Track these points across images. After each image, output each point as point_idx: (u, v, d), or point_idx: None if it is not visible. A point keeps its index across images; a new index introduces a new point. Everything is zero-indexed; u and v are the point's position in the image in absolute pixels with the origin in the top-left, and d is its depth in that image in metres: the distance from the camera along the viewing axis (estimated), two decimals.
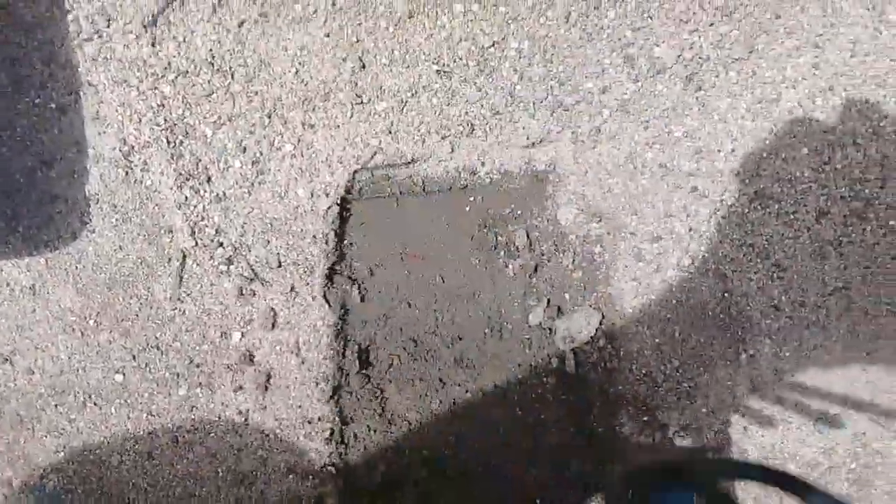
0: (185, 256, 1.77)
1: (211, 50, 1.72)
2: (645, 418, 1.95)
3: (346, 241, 1.89)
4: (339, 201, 1.83)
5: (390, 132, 1.81)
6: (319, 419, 1.86)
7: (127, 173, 1.74)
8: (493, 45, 1.80)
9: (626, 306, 1.94)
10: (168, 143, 1.73)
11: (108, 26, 1.68)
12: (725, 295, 1.92)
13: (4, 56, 1.69)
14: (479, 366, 1.92)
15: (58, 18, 1.67)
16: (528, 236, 1.93)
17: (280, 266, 1.82)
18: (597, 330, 1.94)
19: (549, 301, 1.95)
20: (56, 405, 1.82)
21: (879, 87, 1.89)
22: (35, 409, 1.82)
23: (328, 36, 1.75)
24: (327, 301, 1.85)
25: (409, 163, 1.85)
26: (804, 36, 1.86)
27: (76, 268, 1.77)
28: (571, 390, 1.94)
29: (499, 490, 1.91)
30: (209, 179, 1.77)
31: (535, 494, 1.92)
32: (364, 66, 1.77)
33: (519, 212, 1.93)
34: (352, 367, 1.87)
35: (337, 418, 1.88)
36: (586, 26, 1.81)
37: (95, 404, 1.82)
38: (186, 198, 1.75)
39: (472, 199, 1.91)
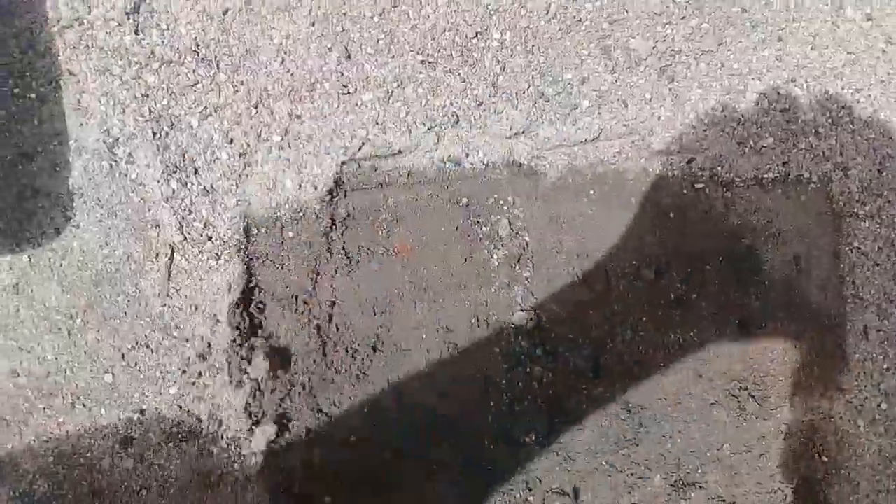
0: (173, 251, 1.73)
1: (195, 38, 1.68)
2: None
3: (332, 234, 1.88)
4: (328, 192, 1.82)
5: (377, 123, 1.81)
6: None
7: (111, 166, 1.69)
8: (477, 35, 1.82)
9: None
10: (153, 134, 1.69)
11: (90, 13, 1.63)
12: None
13: None
14: (464, 354, 1.95)
15: (36, 4, 1.61)
16: (510, 226, 1.95)
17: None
18: None
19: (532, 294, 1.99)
20: (44, 408, 1.76)
21: (837, 78, 1.99)
22: (22, 413, 1.75)
23: (313, 25, 1.73)
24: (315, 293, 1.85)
25: (395, 153, 1.85)
26: (768, 29, 1.94)
27: (61, 265, 1.71)
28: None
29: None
30: (196, 171, 1.73)
31: None
32: (350, 56, 1.77)
33: (502, 202, 1.95)
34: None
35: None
36: (565, 18, 1.85)
37: (84, 406, 1.77)
38: (173, 191, 1.72)
39: (455, 189, 1.92)
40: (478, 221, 1.94)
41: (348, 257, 1.87)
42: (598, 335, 1.98)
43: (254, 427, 1.80)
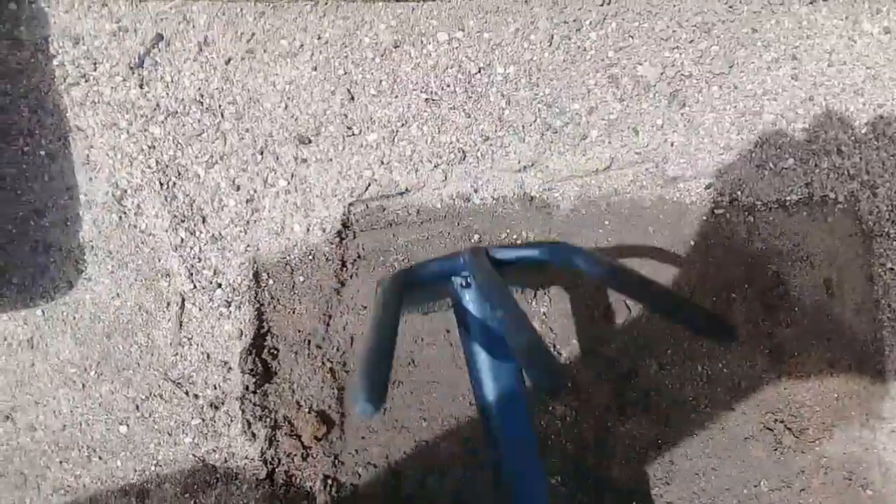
0: (183, 300, 1.74)
1: (199, 89, 1.71)
2: None
3: (343, 275, 1.86)
4: (336, 234, 1.82)
5: (383, 163, 1.81)
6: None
7: (121, 218, 1.72)
8: (480, 70, 1.81)
9: None
10: (161, 185, 1.71)
11: (95, 69, 1.67)
12: None
13: None
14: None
15: (43, 64, 1.66)
16: None
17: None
18: None
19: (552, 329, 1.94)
20: (61, 461, 1.76)
21: (857, 94, 1.94)
22: (39, 467, 1.76)
23: (315, 69, 1.75)
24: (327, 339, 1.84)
25: (403, 192, 1.84)
26: (781, 48, 1.90)
27: (73, 318, 1.73)
28: None
29: None
30: (204, 220, 1.75)
31: None
32: (353, 98, 1.77)
33: (514, 236, 1.92)
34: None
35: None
36: (569, 48, 1.83)
37: (101, 458, 1.77)
38: (182, 239, 1.73)
39: (467, 225, 1.90)
40: None
41: (360, 299, 1.86)
42: (621, 370, 1.93)
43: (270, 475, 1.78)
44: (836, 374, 1.97)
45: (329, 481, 1.83)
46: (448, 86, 1.81)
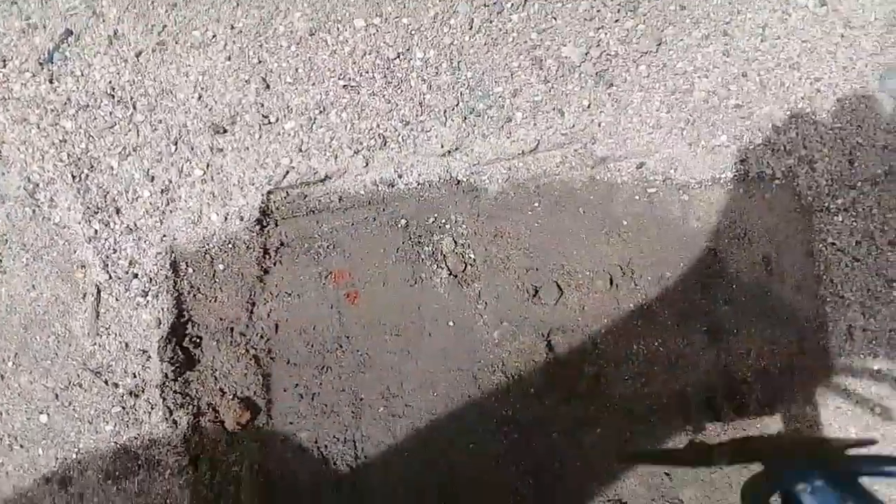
0: (99, 291, 1.76)
1: (110, 82, 1.73)
2: None
3: (266, 263, 1.87)
4: (256, 222, 1.83)
5: (301, 150, 1.81)
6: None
7: (34, 211, 1.74)
8: (398, 56, 1.81)
9: None
10: (73, 177, 1.73)
11: (4, 66, 1.69)
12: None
13: None
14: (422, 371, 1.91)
15: None
16: (455, 243, 1.91)
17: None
18: None
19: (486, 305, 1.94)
20: None
21: (793, 69, 1.91)
22: None
23: (229, 59, 1.76)
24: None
25: (323, 179, 1.85)
26: (711, 25, 1.87)
27: None
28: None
29: None
30: (118, 211, 1.76)
31: None
32: (269, 87, 1.78)
33: (443, 220, 1.92)
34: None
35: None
36: (491, 31, 1.82)
37: (22, 447, 1.79)
38: (96, 231, 1.75)
39: (392, 211, 1.90)
40: (419, 242, 1.91)
41: (284, 286, 1.86)
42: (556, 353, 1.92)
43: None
44: (777, 352, 1.94)
45: (255, 467, 1.84)
46: (367, 72, 1.81)
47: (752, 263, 1.95)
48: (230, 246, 1.81)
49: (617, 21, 1.85)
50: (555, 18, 1.83)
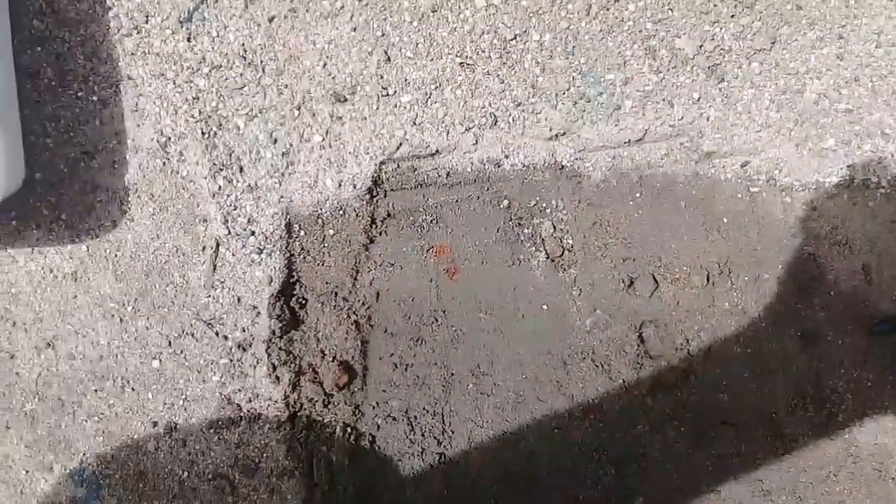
0: (218, 245, 1.83)
1: (243, 44, 1.79)
2: None
3: (372, 232, 1.92)
4: (367, 191, 1.88)
5: (415, 124, 1.85)
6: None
7: (164, 164, 1.82)
8: (515, 37, 1.84)
9: None
10: (203, 134, 1.80)
11: (147, 22, 1.77)
12: None
13: (50, 51, 1.78)
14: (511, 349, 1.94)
15: (99, 15, 1.76)
16: (554, 228, 1.94)
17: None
18: None
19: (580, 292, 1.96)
20: (96, 390, 1.87)
21: None
22: (76, 394, 1.87)
23: (355, 30, 1.81)
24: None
25: (433, 154, 1.89)
26: (827, 27, 1.86)
27: (115, 255, 1.83)
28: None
29: None
30: (241, 170, 1.83)
31: None
32: (389, 59, 1.83)
33: (544, 204, 1.94)
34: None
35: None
36: (607, 18, 1.84)
37: (133, 389, 1.87)
38: (220, 187, 1.82)
39: (496, 191, 1.93)
40: (520, 223, 1.94)
41: (387, 256, 1.91)
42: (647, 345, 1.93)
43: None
44: (870, 364, 1.92)
45: (349, 429, 1.89)
46: (483, 51, 1.84)
47: (852, 271, 1.93)
48: (341, 212, 1.86)
49: (733, 16, 1.85)
50: (671, 10, 1.84)
